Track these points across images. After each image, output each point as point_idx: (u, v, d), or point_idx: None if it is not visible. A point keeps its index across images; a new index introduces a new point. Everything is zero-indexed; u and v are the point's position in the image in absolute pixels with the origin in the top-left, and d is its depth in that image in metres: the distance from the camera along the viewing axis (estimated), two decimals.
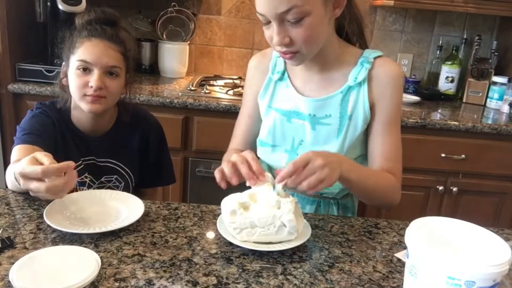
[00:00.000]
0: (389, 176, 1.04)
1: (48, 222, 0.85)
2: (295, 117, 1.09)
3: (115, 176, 1.26)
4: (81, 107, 1.15)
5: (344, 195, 1.15)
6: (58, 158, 1.17)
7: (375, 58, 1.05)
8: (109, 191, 1.04)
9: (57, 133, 1.18)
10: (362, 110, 1.04)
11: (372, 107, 1.05)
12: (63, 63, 1.19)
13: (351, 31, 1.07)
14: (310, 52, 0.98)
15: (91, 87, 1.11)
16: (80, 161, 1.20)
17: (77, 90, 1.13)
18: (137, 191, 1.32)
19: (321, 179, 0.84)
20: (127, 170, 1.27)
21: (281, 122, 1.11)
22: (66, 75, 1.18)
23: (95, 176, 1.23)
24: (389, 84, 1.04)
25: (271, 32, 0.94)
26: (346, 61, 1.06)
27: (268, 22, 0.94)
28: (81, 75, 1.12)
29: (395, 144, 1.06)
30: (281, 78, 1.12)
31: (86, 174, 1.21)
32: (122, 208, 0.96)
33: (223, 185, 0.89)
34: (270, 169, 1.17)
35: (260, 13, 0.93)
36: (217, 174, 0.90)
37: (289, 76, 1.12)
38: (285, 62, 1.12)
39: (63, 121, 1.20)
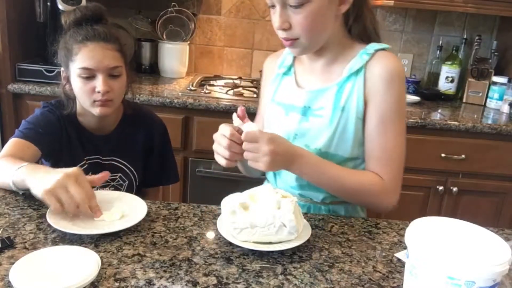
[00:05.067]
0: (369, 178, 1.01)
1: (49, 221, 0.85)
2: (292, 110, 1.09)
3: (119, 175, 1.26)
4: (91, 112, 1.16)
5: (333, 201, 1.09)
6: (63, 157, 1.18)
7: (376, 50, 1.01)
8: (112, 192, 1.03)
9: (62, 132, 1.19)
10: (356, 102, 1.00)
11: (366, 103, 1.01)
12: (62, 69, 1.18)
13: (358, 30, 1.05)
14: (309, 41, 0.99)
15: (98, 92, 1.11)
16: (84, 161, 1.21)
17: (86, 98, 1.13)
18: (140, 191, 1.32)
19: (255, 160, 0.92)
20: (131, 168, 1.28)
21: (278, 115, 1.11)
22: (67, 81, 1.17)
23: None
24: (383, 79, 0.99)
25: (275, 16, 0.97)
26: (350, 56, 1.04)
27: (273, 6, 0.97)
28: (86, 82, 1.12)
29: (389, 145, 1.01)
30: (286, 73, 1.14)
31: (90, 173, 1.21)
32: (124, 208, 0.95)
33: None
34: None
35: None
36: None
37: (295, 72, 1.13)
38: (293, 59, 1.14)
39: (69, 120, 1.21)
